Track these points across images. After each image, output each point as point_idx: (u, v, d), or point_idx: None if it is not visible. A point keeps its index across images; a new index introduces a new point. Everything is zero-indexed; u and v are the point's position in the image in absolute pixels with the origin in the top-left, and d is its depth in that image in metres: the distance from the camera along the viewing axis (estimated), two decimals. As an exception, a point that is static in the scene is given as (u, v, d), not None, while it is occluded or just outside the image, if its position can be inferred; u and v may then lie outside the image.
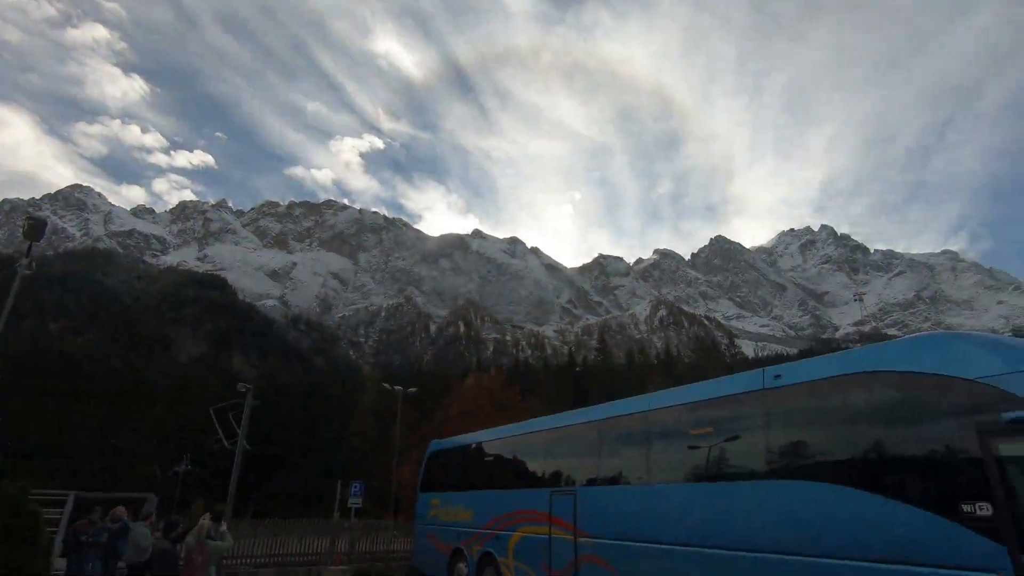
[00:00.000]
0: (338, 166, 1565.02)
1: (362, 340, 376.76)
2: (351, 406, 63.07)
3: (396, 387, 39.31)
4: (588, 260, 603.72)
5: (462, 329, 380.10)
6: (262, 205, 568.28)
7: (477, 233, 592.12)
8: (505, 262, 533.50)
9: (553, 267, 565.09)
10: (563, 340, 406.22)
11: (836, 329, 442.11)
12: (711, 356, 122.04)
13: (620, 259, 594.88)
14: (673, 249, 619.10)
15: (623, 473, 9.43)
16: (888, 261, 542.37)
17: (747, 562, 6.70)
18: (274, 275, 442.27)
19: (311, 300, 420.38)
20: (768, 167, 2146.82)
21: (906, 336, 6.67)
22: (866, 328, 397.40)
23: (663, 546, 7.93)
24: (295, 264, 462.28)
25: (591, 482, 9.91)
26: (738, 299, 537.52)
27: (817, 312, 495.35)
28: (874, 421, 6.15)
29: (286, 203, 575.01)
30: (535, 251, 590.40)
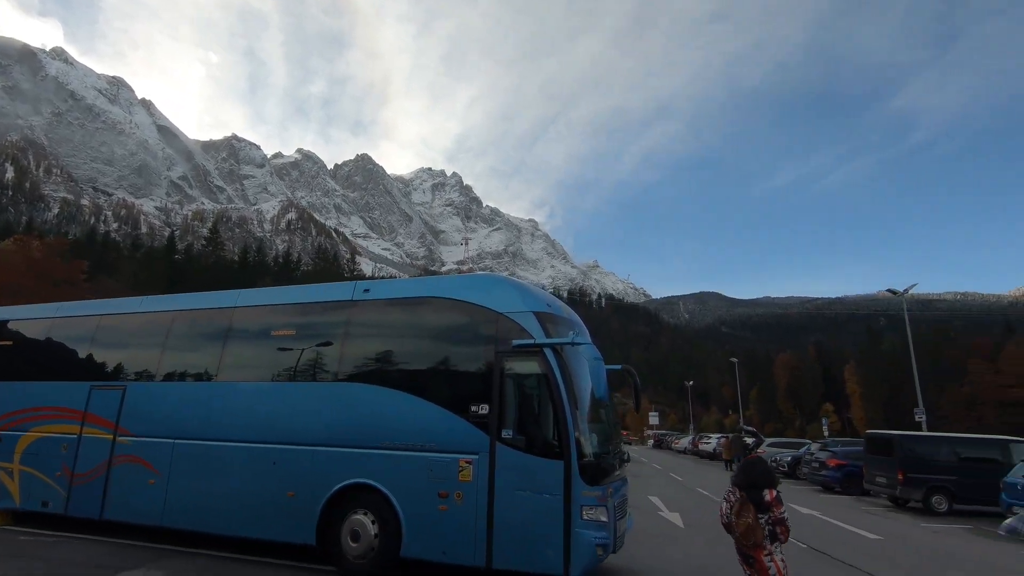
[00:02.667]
0: None
1: None
2: None
3: None
4: (218, 137, 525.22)
5: (10, 175, 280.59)
6: None
7: (59, 53, 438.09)
8: (100, 106, 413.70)
9: (169, 132, 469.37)
10: (167, 221, 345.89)
11: (443, 264, 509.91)
12: (331, 268, 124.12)
13: (257, 147, 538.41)
14: (317, 154, 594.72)
15: (189, 370, 8.69)
16: (493, 217, 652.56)
17: (303, 454, 7.21)
18: None
19: None
20: (420, 104, 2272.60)
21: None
22: (464, 268, 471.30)
23: (216, 443, 7.74)
24: None
25: (147, 377, 8.84)
26: (369, 219, 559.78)
27: (432, 247, 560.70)
28: (431, 337, 7.35)
29: None
30: (147, 104, 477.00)
